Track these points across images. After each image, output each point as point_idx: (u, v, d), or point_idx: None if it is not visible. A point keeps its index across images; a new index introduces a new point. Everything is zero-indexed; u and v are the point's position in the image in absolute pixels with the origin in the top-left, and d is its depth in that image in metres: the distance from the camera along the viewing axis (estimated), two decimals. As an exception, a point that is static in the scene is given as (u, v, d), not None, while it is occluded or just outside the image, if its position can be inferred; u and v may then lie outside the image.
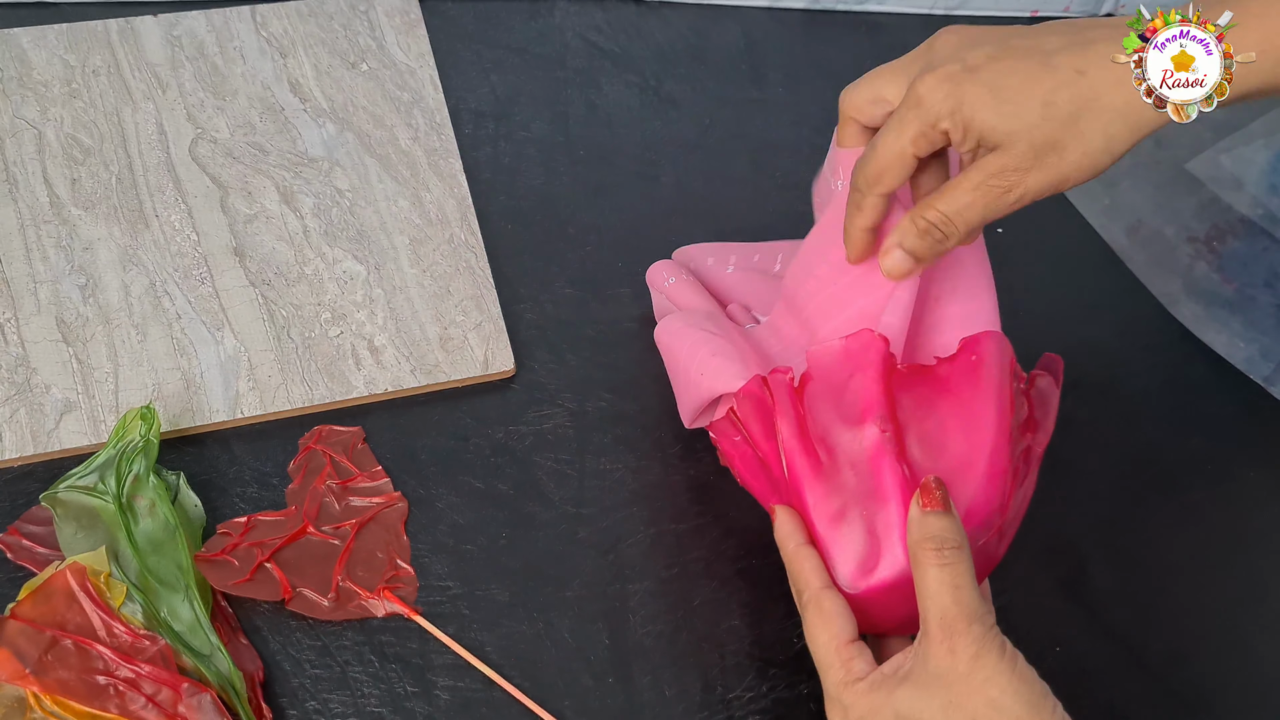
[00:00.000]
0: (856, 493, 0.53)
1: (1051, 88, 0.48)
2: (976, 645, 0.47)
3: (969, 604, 0.48)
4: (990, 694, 0.46)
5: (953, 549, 0.48)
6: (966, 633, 0.47)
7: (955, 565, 0.48)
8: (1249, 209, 0.81)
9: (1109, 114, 0.49)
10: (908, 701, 0.48)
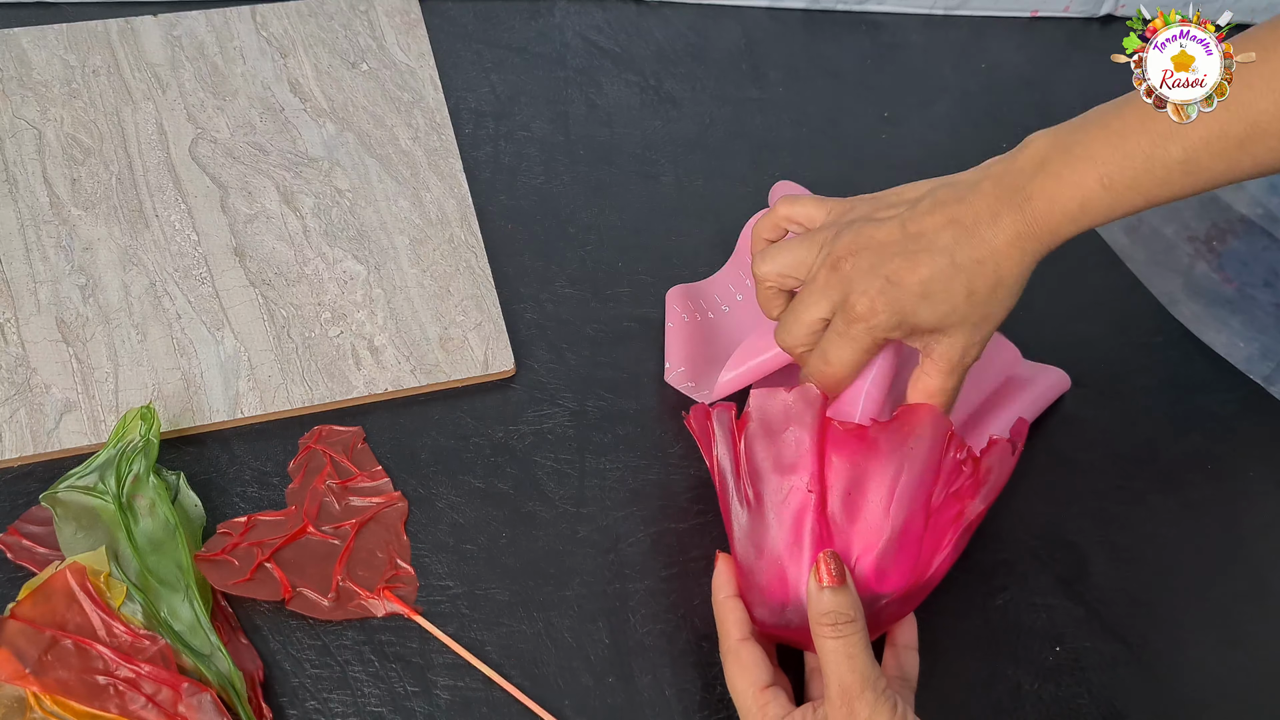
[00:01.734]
0: (776, 537, 0.57)
1: (968, 281, 0.56)
2: (869, 710, 0.52)
3: (863, 672, 0.52)
4: None
5: (846, 622, 0.53)
6: (860, 698, 0.52)
7: (850, 637, 0.53)
8: (1249, 208, 0.81)
9: (1011, 278, 0.57)
10: None
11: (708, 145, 0.81)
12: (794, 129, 0.83)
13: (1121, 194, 0.55)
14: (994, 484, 0.58)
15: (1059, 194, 0.56)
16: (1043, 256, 0.57)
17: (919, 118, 0.85)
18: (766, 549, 0.57)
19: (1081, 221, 0.56)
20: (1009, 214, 0.56)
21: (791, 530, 0.56)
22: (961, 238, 0.57)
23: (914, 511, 0.56)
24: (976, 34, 0.90)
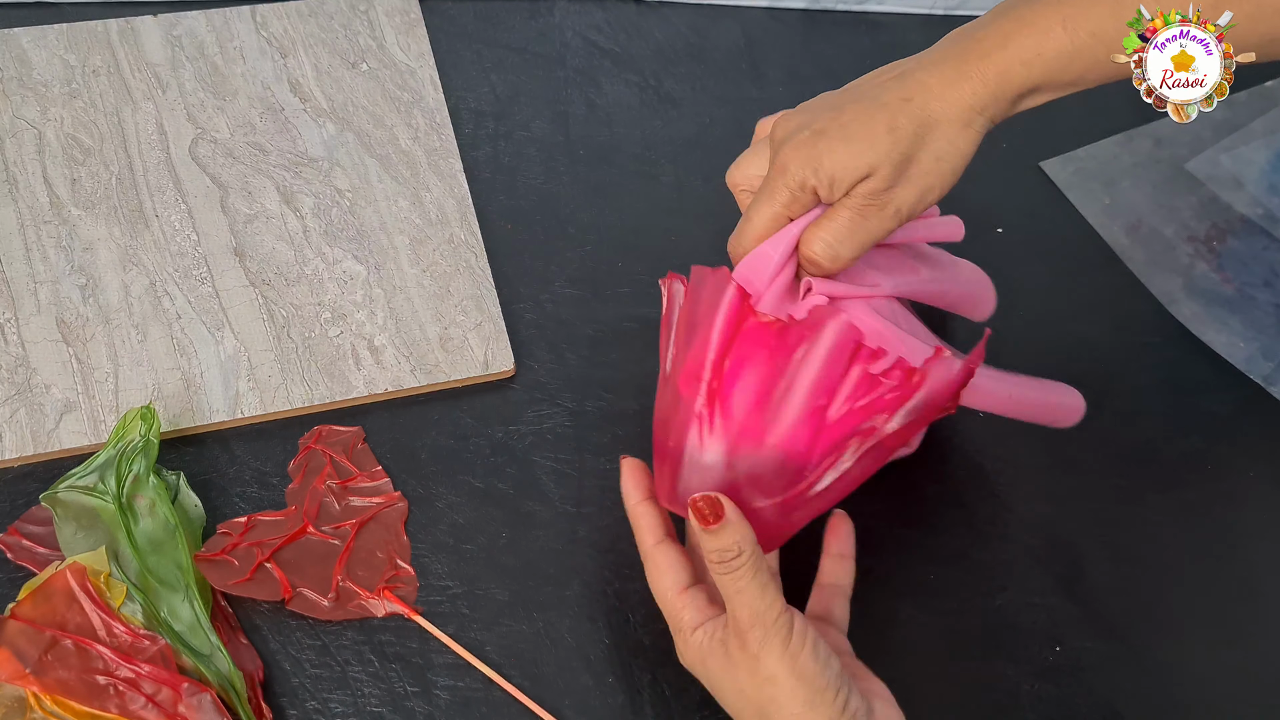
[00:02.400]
0: (673, 411, 0.56)
1: (889, 117, 0.54)
2: (758, 645, 0.51)
3: (751, 607, 0.51)
4: (769, 691, 0.51)
5: (732, 558, 0.51)
6: (749, 633, 0.51)
7: (736, 572, 0.51)
8: (1248, 208, 0.81)
9: (944, 123, 0.54)
10: (715, 673, 0.53)
11: (708, 145, 0.81)
12: (794, 129, 0.83)
13: (1083, 41, 0.53)
14: (925, 403, 0.54)
15: (1014, 32, 0.53)
16: (989, 112, 0.54)
17: (919, 118, 0.85)
18: (669, 425, 0.56)
19: (1034, 69, 0.53)
20: (953, 59, 0.54)
21: (684, 409, 0.55)
22: (892, 81, 0.55)
23: (800, 420, 0.54)
24: (976, 34, 0.89)
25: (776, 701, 0.51)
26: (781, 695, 0.51)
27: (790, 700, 0.50)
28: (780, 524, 0.56)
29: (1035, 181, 0.83)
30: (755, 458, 0.54)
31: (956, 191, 0.82)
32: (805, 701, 0.50)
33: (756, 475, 0.55)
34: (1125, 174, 0.83)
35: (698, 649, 0.54)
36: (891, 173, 0.54)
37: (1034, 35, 0.53)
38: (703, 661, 0.54)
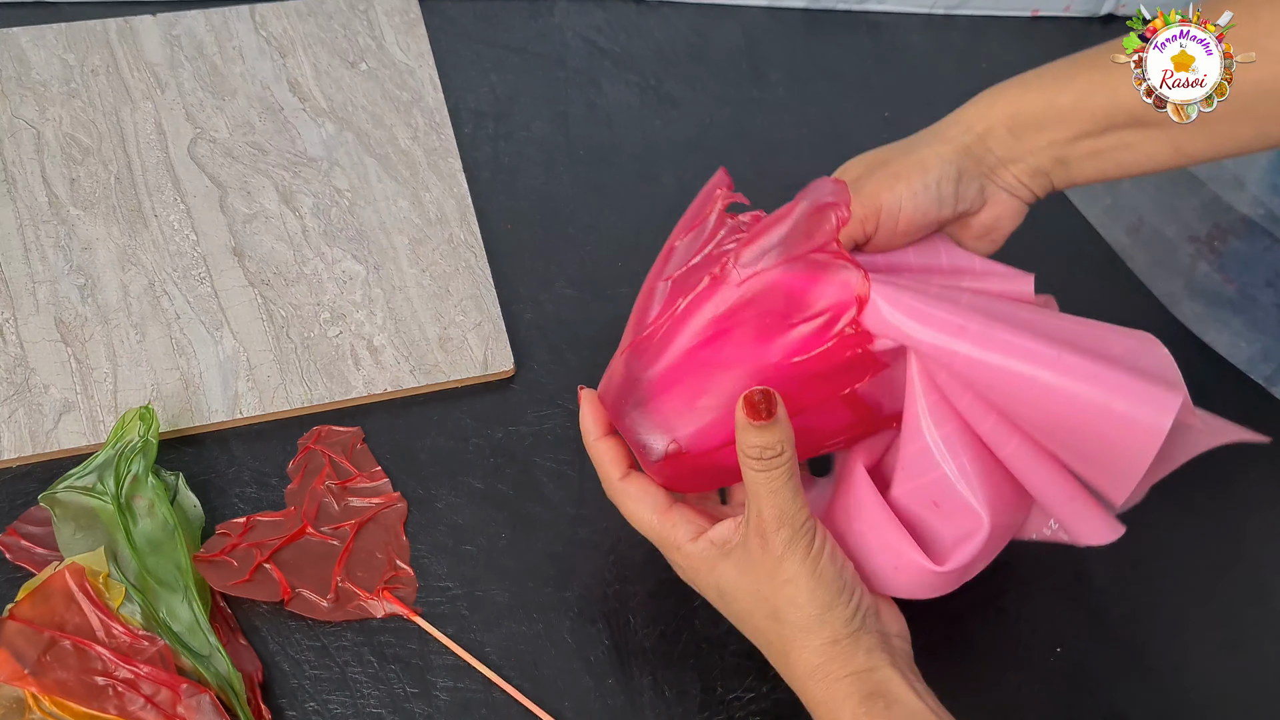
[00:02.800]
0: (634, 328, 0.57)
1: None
2: (783, 547, 0.52)
3: (782, 508, 0.51)
4: (789, 592, 0.52)
5: (773, 456, 0.51)
6: (776, 535, 0.52)
7: (774, 470, 0.51)
8: (1250, 208, 0.81)
9: (932, 157, 0.57)
10: (728, 578, 0.54)
11: (708, 146, 0.81)
12: (794, 129, 0.83)
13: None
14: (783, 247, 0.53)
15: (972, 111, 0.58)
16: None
17: (919, 118, 0.84)
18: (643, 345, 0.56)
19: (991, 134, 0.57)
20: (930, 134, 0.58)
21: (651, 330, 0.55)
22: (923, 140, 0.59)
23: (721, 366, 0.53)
24: (977, 34, 0.90)
25: (795, 602, 0.52)
26: (801, 596, 0.52)
27: (809, 602, 0.52)
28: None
29: (1036, 182, 0.82)
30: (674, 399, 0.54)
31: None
32: (824, 604, 0.52)
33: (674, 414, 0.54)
34: (1126, 174, 0.83)
35: (702, 558, 0.54)
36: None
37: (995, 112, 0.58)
38: (710, 569, 0.54)
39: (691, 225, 0.57)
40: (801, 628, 0.52)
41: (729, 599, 0.55)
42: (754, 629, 0.55)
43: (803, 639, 0.52)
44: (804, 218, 0.54)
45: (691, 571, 0.56)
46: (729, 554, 0.54)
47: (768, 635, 0.54)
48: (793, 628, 0.52)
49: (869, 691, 0.51)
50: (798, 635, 0.52)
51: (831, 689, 0.51)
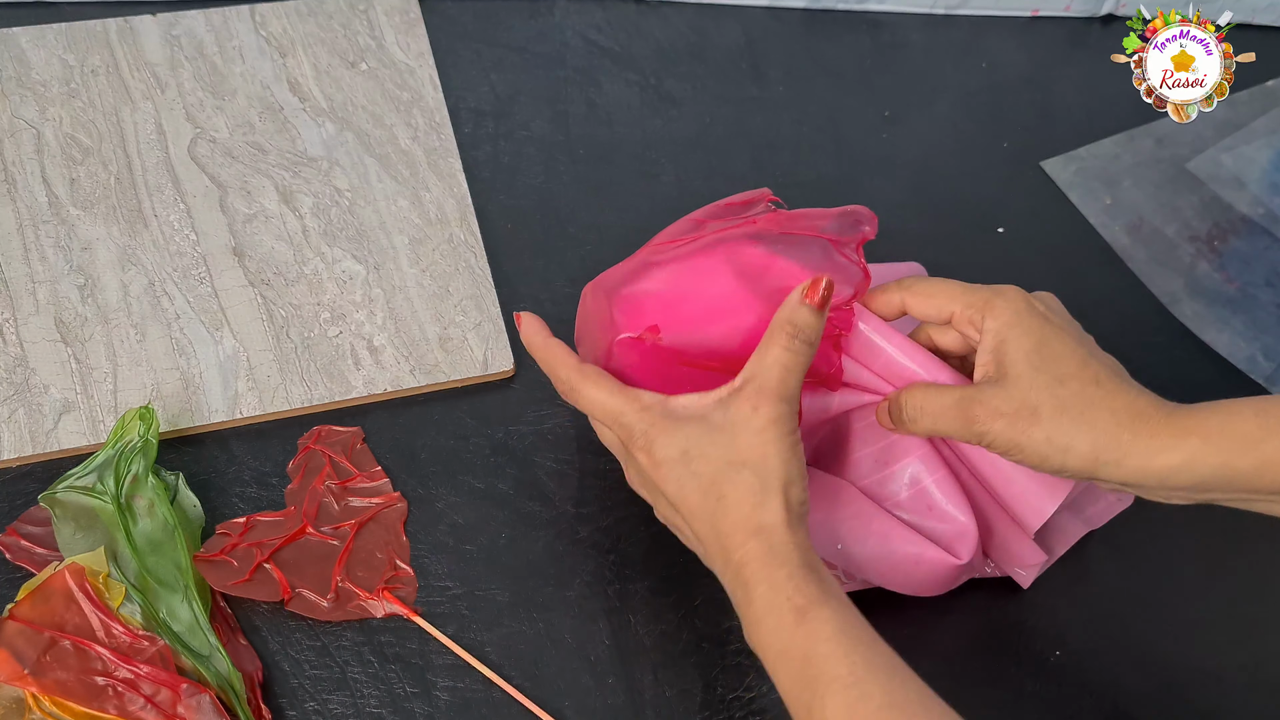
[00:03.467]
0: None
1: (1075, 375, 0.55)
2: (775, 414, 0.53)
3: (790, 386, 0.54)
4: (766, 451, 0.53)
5: (803, 340, 0.54)
6: (773, 404, 0.53)
7: (797, 354, 0.54)
8: (1250, 208, 0.81)
9: (1085, 433, 0.54)
10: (695, 437, 0.54)
11: (708, 145, 0.81)
12: (794, 129, 0.83)
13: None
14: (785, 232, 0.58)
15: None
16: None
17: (920, 117, 0.85)
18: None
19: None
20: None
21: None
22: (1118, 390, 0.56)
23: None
24: (977, 33, 0.89)
25: (768, 462, 0.53)
26: (776, 459, 0.53)
27: (781, 466, 0.53)
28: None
29: (1036, 181, 0.82)
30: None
31: (958, 190, 0.83)
32: (790, 476, 0.53)
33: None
34: (1126, 173, 0.83)
35: (672, 421, 0.55)
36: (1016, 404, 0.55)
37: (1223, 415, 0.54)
38: (676, 428, 0.54)
39: (735, 202, 0.62)
40: (766, 483, 0.52)
41: (693, 456, 0.54)
42: (708, 486, 0.54)
43: (756, 497, 0.52)
44: (837, 222, 0.59)
45: (654, 432, 0.55)
46: (699, 417, 0.54)
47: (724, 488, 0.53)
48: (756, 480, 0.53)
49: (807, 561, 0.52)
50: (750, 494, 0.52)
51: (775, 547, 0.52)
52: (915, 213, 0.79)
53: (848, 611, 0.50)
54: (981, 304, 0.57)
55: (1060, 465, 0.55)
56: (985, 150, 0.84)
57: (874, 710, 0.48)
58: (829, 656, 0.49)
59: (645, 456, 0.55)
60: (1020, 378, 0.55)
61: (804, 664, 0.49)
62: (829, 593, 0.51)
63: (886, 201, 0.80)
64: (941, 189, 0.81)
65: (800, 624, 0.50)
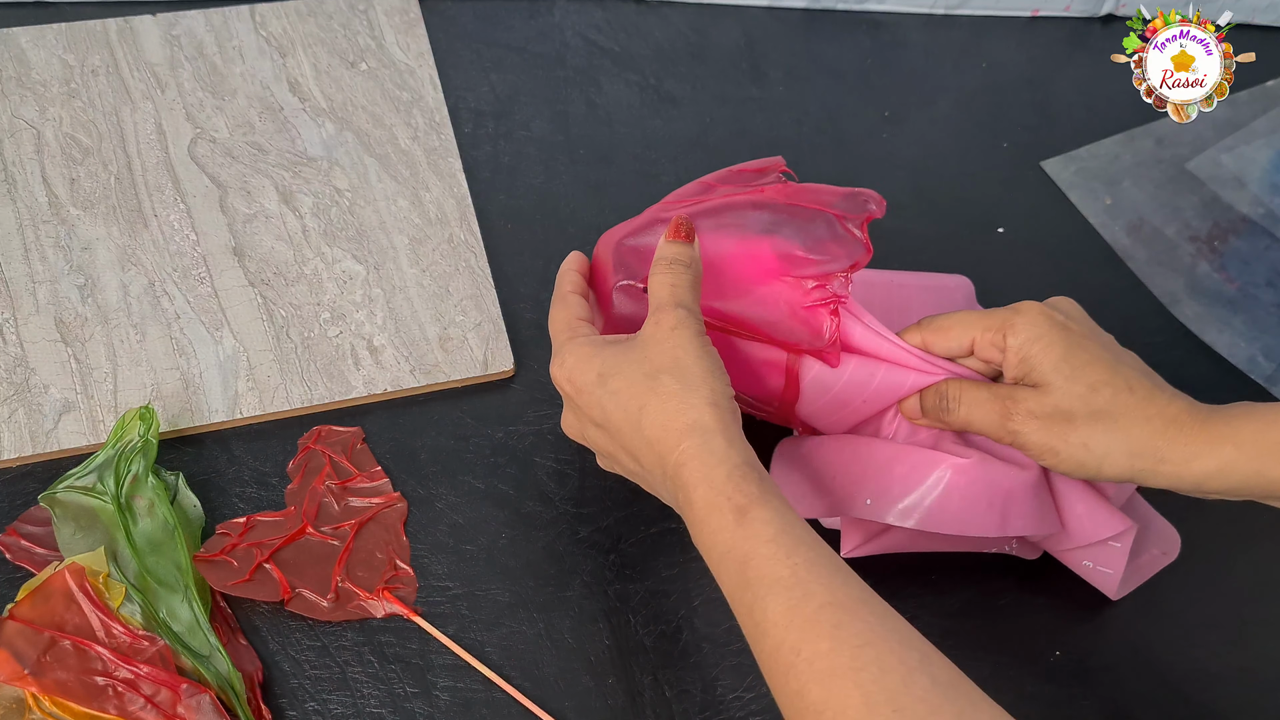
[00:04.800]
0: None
1: (1107, 381, 0.56)
2: (676, 320, 0.55)
3: (680, 297, 0.56)
4: (678, 354, 0.54)
5: (679, 265, 0.57)
6: (671, 312, 0.55)
7: (676, 274, 0.57)
8: (1250, 208, 0.81)
9: (1121, 440, 0.55)
10: (611, 360, 0.55)
11: (708, 145, 0.81)
12: (794, 129, 0.83)
13: None
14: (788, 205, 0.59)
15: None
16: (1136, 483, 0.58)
17: (919, 117, 0.85)
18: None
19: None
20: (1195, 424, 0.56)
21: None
22: (1152, 394, 0.57)
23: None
24: (977, 33, 0.89)
25: (681, 363, 0.54)
26: (687, 358, 0.54)
27: (695, 364, 0.54)
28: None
29: (1036, 181, 0.82)
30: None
31: (958, 190, 0.83)
32: (707, 369, 0.54)
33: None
34: (1126, 174, 0.83)
35: (591, 344, 0.57)
36: (1050, 410, 0.56)
37: (1257, 424, 0.55)
38: (595, 354, 0.56)
39: (748, 169, 0.64)
40: (684, 385, 0.53)
41: (608, 376, 0.55)
42: (625, 400, 0.54)
43: (683, 395, 0.53)
44: (845, 201, 0.60)
45: (577, 359, 0.56)
46: (617, 342, 0.56)
47: (644, 399, 0.53)
48: (672, 385, 0.53)
49: (745, 459, 0.52)
50: (675, 392, 0.53)
51: (709, 446, 0.52)
52: (915, 213, 0.79)
53: (788, 512, 0.50)
54: (1000, 325, 0.57)
55: (1096, 471, 0.55)
56: (985, 150, 0.84)
57: (816, 609, 0.47)
58: (770, 558, 0.49)
59: (568, 385, 0.57)
60: (1053, 386, 0.55)
61: (745, 564, 0.49)
62: (769, 491, 0.51)
63: (886, 201, 0.80)
64: (941, 189, 0.81)
65: (741, 524, 0.50)
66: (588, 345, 0.56)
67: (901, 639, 0.47)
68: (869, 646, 0.46)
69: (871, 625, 0.47)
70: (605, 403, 0.55)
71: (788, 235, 0.59)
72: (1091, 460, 0.55)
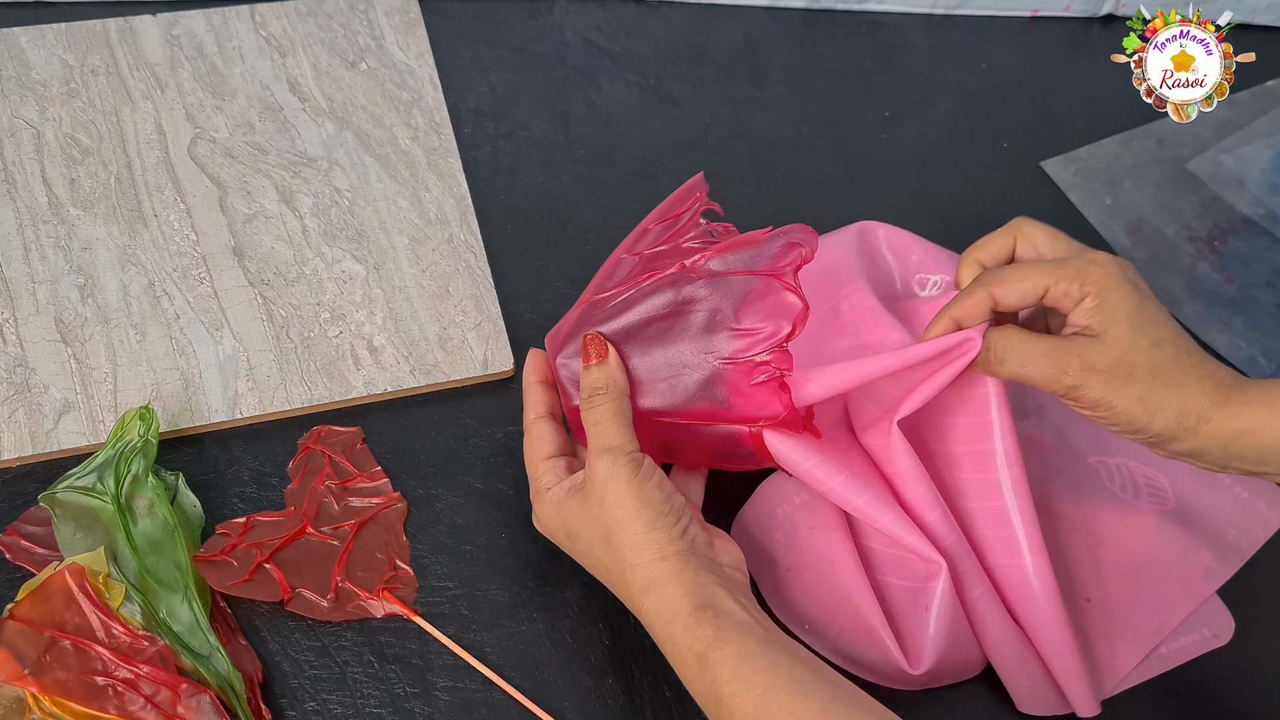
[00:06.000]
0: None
1: (1172, 340, 0.56)
2: (606, 473, 0.55)
3: (604, 438, 0.56)
4: (616, 514, 0.55)
5: (597, 394, 0.57)
6: (599, 461, 0.55)
7: (596, 409, 0.57)
8: (1250, 208, 0.81)
9: (1176, 397, 0.56)
10: (572, 516, 0.57)
11: (708, 145, 0.81)
12: (794, 129, 0.83)
13: None
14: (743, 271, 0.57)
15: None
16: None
17: (919, 117, 0.85)
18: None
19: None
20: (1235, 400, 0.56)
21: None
22: (1224, 384, 0.57)
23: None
24: (977, 34, 0.90)
25: (622, 524, 0.54)
26: (626, 517, 0.54)
27: (634, 521, 0.54)
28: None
29: (1036, 181, 0.82)
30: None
31: (958, 190, 0.83)
32: (648, 523, 0.54)
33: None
34: (1127, 174, 0.83)
35: (554, 502, 0.58)
36: (1111, 363, 0.56)
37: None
38: (559, 510, 0.57)
39: (666, 216, 0.61)
40: (631, 546, 0.54)
41: (574, 535, 0.57)
42: (595, 561, 0.57)
43: (634, 556, 0.54)
44: (774, 246, 0.57)
45: (544, 514, 0.58)
46: (577, 492, 0.57)
47: (605, 562, 0.56)
48: (623, 547, 0.54)
49: (698, 603, 0.53)
50: (628, 554, 0.54)
51: (663, 601, 0.53)
52: (915, 213, 0.79)
53: (747, 640, 0.52)
54: (1076, 274, 0.57)
55: (1144, 426, 0.56)
56: (985, 150, 0.84)
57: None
58: (734, 697, 0.51)
59: (548, 536, 0.59)
60: (1121, 337, 0.56)
61: (717, 707, 0.52)
62: (726, 627, 0.52)
63: (886, 201, 0.80)
64: (941, 189, 0.81)
65: (703, 671, 0.52)
66: (551, 504, 0.58)
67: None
68: None
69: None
70: (582, 559, 0.58)
71: (718, 314, 0.57)
72: (1143, 416, 0.56)
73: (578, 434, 0.61)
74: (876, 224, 0.73)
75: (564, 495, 0.57)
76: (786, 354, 0.56)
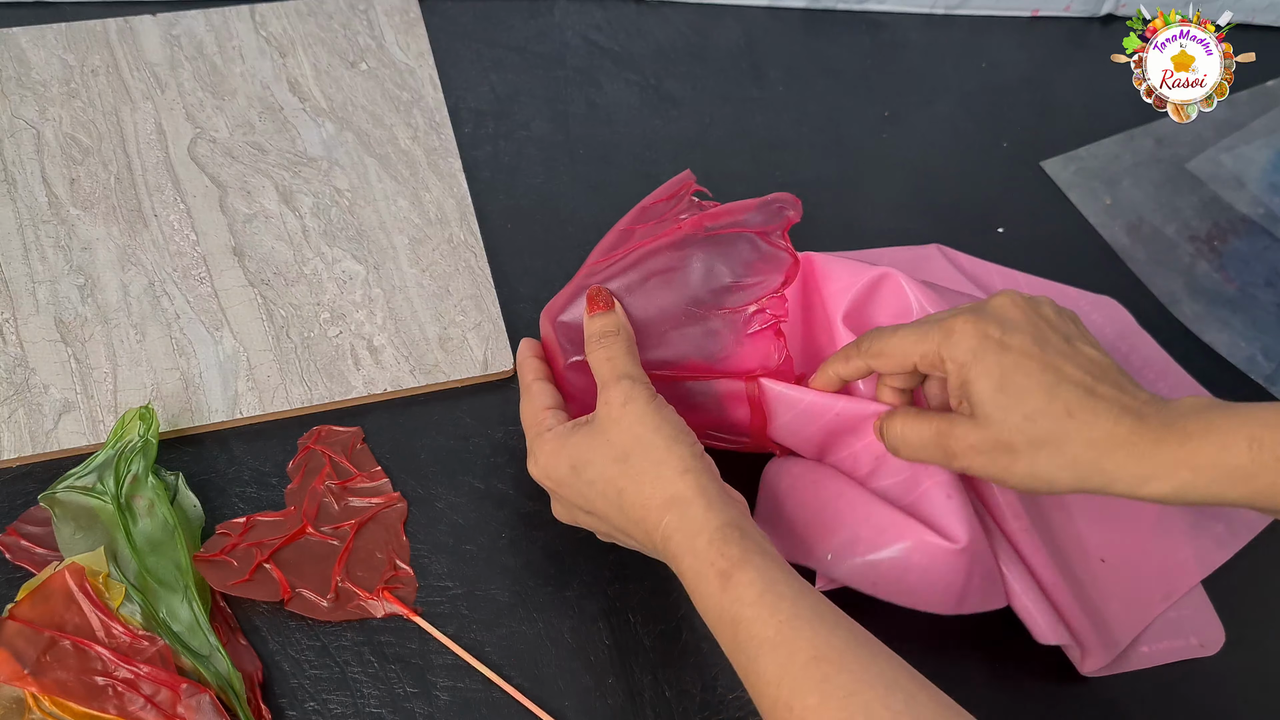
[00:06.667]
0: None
1: (1043, 410, 0.53)
2: (624, 395, 0.56)
3: (620, 367, 0.57)
4: (637, 431, 0.55)
5: (609, 336, 0.58)
6: (616, 385, 0.56)
7: (609, 346, 0.58)
8: (1250, 208, 0.81)
9: (1067, 465, 0.53)
10: (578, 447, 0.56)
11: (708, 145, 0.81)
12: (794, 129, 0.83)
13: (1266, 462, 0.50)
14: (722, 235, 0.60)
15: (1197, 434, 0.52)
16: (1150, 488, 0.53)
17: (919, 117, 0.85)
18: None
19: (1203, 476, 0.51)
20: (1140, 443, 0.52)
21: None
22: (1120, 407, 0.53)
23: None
24: (977, 33, 0.90)
25: (643, 440, 0.54)
26: (647, 433, 0.54)
27: (655, 436, 0.54)
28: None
29: (1036, 181, 0.82)
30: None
31: (958, 190, 0.82)
32: (670, 437, 0.54)
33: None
34: (1126, 173, 0.83)
35: (557, 437, 0.57)
36: (992, 444, 0.54)
37: (1215, 446, 0.51)
38: (562, 444, 0.57)
39: (661, 198, 0.64)
40: (653, 460, 0.54)
41: (580, 466, 0.56)
42: (605, 486, 0.55)
43: (655, 470, 0.54)
44: (764, 210, 0.61)
45: (547, 455, 0.58)
46: (579, 428, 0.57)
47: (618, 483, 0.55)
48: (643, 462, 0.54)
49: (725, 521, 0.52)
50: (649, 468, 0.54)
51: (688, 515, 0.53)
52: (915, 213, 0.79)
53: (772, 567, 0.51)
54: (936, 346, 0.55)
55: (1049, 490, 0.54)
56: (985, 150, 0.84)
57: (803, 665, 0.48)
58: (755, 619, 0.50)
59: (547, 480, 0.58)
60: (990, 417, 0.53)
61: (734, 627, 0.50)
62: (751, 550, 0.51)
63: (886, 201, 0.80)
64: (941, 189, 0.81)
65: (726, 589, 0.51)
66: (554, 439, 0.57)
67: (888, 683, 0.48)
68: (855, 696, 0.47)
69: (857, 675, 0.48)
70: (585, 492, 0.57)
71: (713, 269, 0.59)
72: (1040, 483, 0.53)
73: (570, 399, 0.61)
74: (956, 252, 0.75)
75: (568, 431, 0.57)
76: (781, 299, 0.58)
